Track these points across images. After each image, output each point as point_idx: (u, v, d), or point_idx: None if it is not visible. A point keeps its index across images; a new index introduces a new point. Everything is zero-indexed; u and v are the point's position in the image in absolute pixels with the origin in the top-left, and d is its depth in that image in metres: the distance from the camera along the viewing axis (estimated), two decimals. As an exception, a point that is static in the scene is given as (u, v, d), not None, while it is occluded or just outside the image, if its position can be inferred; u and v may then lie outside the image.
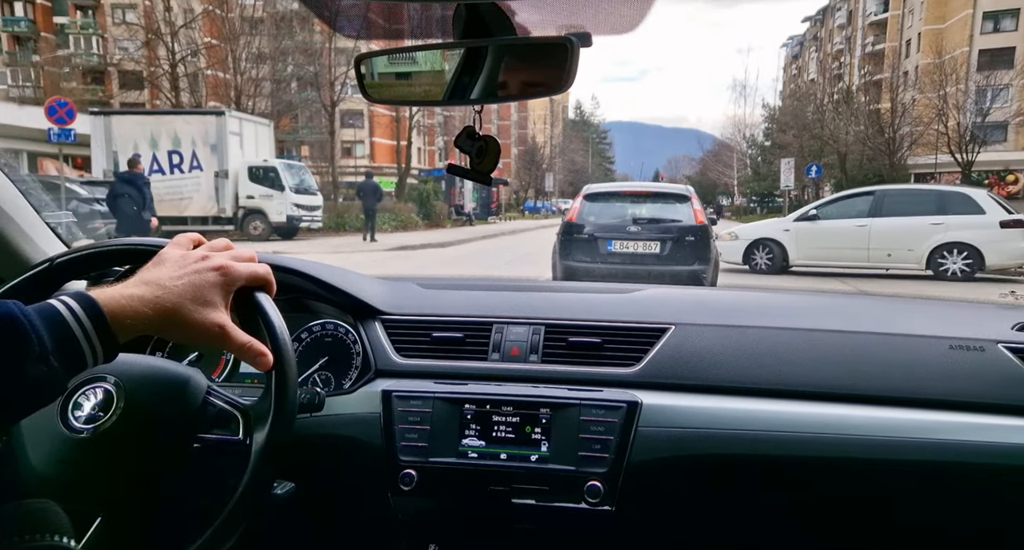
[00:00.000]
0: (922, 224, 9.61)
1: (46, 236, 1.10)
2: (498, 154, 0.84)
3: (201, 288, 0.67)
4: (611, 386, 1.04)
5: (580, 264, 5.96)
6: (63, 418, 0.75)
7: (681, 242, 5.91)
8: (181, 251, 0.71)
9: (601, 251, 5.93)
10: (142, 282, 0.66)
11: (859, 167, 25.90)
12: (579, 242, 6.03)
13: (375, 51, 0.81)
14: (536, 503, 0.98)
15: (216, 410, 0.77)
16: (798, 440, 0.97)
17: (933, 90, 26.11)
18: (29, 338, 0.57)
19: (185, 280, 0.67)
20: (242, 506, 0.68)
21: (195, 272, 0.68)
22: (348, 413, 1.05)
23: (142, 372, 0.78)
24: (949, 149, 24.97)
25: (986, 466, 0.95)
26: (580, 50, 0.73)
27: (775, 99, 50.02)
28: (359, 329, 1.14)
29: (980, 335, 1.06)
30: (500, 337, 1.12)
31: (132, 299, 0.64)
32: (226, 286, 0.69)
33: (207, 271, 0.69)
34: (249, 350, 0.70)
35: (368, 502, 1.05)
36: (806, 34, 61.89)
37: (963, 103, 25.54)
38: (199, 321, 0.66)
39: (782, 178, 27.17)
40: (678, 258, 5.90)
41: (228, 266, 0.70)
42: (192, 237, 0.75)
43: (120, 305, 0.63)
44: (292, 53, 24.61)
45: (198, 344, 0.73)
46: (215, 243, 0.74)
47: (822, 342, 1.09)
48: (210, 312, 0.67)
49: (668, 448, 0.98)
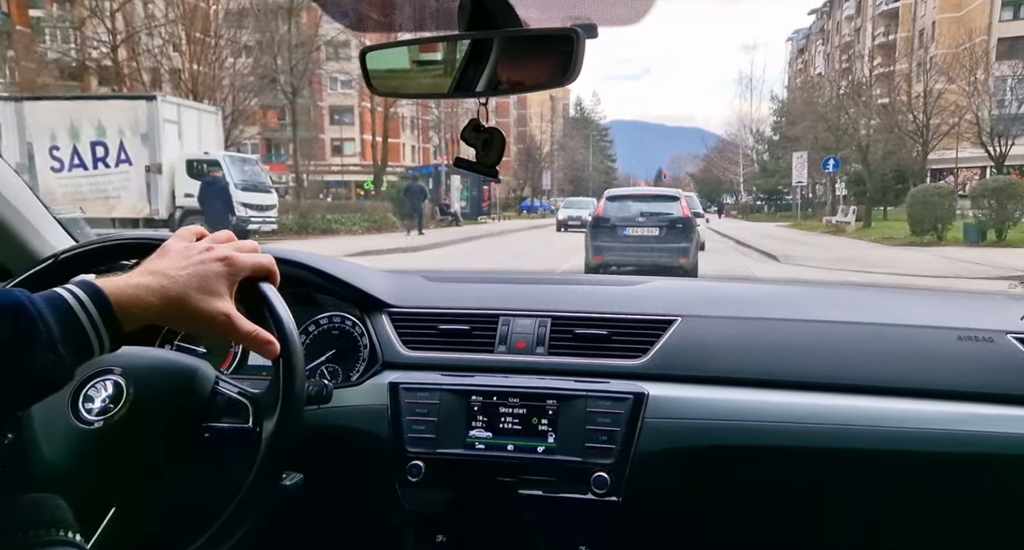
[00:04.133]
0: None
1: (54, 230, 1.14)
2: (503, 146, 0.86)
3: (206, 278, 0.70)
4: (617, 378, 1.08)
5: (605, 244, 9.25)
6: (74, 411, 0.78)
7: (673, 228, 9.13)
8: (185, 243, 0.75)
9: (619, 234, 9.25)
10: (147, 272, 0.69)
11: (881, 160, 24.87)
12: (604, 228, 9.38)
13: (381, 44, 0.85)
14: (543, 494, 1.02)
15: (225, 399, 0.80)
16: (804, 431, 1.01)
17: (962, 77, 24.97)
18: (36, 326, 0.59)
19: (190, 270, 0.70)
20: (252, 495, 0.72)
21: (200, 263, 0.71)
22: (356, 405, 1.09)
23: (151, 364, 0.82)
24: (980, 141, 24.05)
25: (994, 456, 0.98)
26: (586, 42, 0.76)
27: (782, 92, 49.90)
28: (366, 322, 1.19)
29: (989, 325, 1.10)
30: (507, 329, 1.17)
31: (138, 288, 0.67)
32: (231, 276, 0.73)
33: (212, 261, 0.72)
34: (256, 338, 0.73)
35: (376, 493, 1.10)
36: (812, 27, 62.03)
37: (992, 92, 24.51)
38: (205, 310, 0.69)
39: (794, 173, 25.98)
40: (670, 238, 9.11)
41: (232, 256, 0.73)
42: (195, 230, 0.78)
43: (126, 294, 0.65)
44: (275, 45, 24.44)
45: (205, 333, 0.76)
46: (218, 235, 0.78)
47: (829, 333, 1.13)
48: (215, 301, 0.70)
49: (674, 439, 1.02)
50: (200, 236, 0.77)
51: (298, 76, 24.65)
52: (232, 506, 0.72)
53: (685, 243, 9.09)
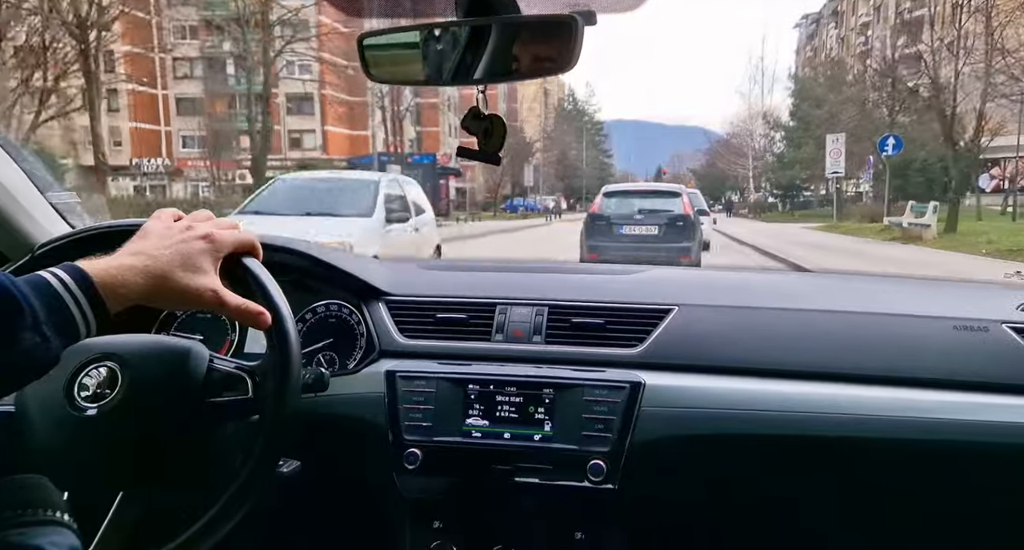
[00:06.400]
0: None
1: (50, 216, 1.25)
2: (504, 133, 0.95)
3: (189, 255, 0.79)
4: (614, 367, 1.20)
5: (600, 243, 9.58)
6: (69, 399, 0.86)
7: (673, 226, 9.45)
8: (164, 224, 0.83)
9: (615, 233, 9.56)
10: (129, 253, 0.77)
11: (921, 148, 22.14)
12: (600, 226, 9.72)
13: (377, 30, 0.94)
14: (539, 481, 1.13)
15: (222, 374, 0.89)
16: (799, 420, 1.13)
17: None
18: (21, 307, 0.65)
19: (173, 249, 0.78)
20: (254, 471, 0.82)
21: (181, 241, 0.80)
22: (352, 393, 1.21)
23: (144, 348, 0.91)
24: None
25: (990, 445, 1.10)
26: (584, 28, 0.85)
27: (790, 81, 49.76)
28: (363, 310, 1.31)
29: (984, 315, 1.22)
30: (504, 318, 1.29)
31: (121, 268, 0.74)
32: (214, 252, 0.81)
33: (193, 240, 0.80)
34: (246, 310, 0.82)
35: (372, 481, 1.21)
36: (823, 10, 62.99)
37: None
38: (191, 286, 0.78)
39: (828, 161, 22.39)
40: (671, 237, 9.43)
41: (214, 233, 0.82)
42: (172, 212, 0.87)
43: (110, 274, 0.73)
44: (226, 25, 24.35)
45: (193, 309, 0.83)
46: (196, 214, 0.87)
47: (825, 322, 1.25)
48: (200, 277, 0.79)
49: (671, 428, 1.14)
50: (178, 218, 0.86)
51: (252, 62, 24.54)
52: (230, 491, 0.80)
53: (687, 242, 9.39)
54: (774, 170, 43.46)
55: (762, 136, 47.13)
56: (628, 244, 9.34)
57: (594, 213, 9.98)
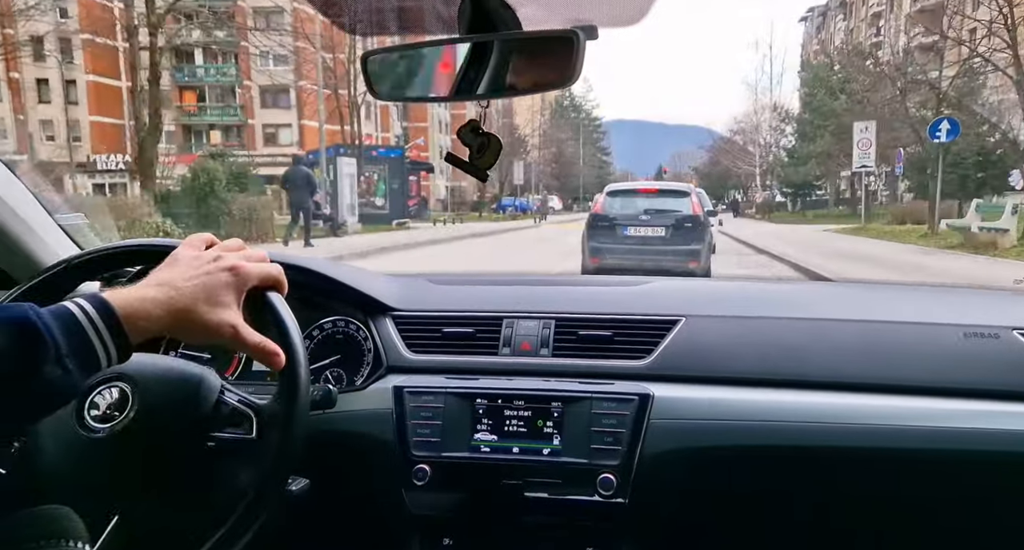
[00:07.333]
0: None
1: (58, 237, 1.31)
2: (498, 152, 1.00)
3: (214, 289, 0.82)
4: (622, 379, 1.27)
5: (603, 245, 9.38)
6: (79, 419, 0.91)
7: (681, 227, 9.22)
8: (194, 252, 0.87)
9: (619, 234, 9.35)
10: (155, 283, 0.81)
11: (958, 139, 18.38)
12: (602, 228, 9.49)
13: (381, 49, 1.01)
14: (549, 496, 1.19)
15: (230, 409, 0.94)
16: (810, 430, 1.19)
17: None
18: (44, 341, 0.69)
19: (198, 281, 0.82)
20: (256, 504, 0.87)
21: (207, 273, 0.83)
22: (360, 409, 1.28)
23: (156, 371, 0.95)
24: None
25: (1002, 454, 1.16)
26: (586, 43, 0.91)
27: (800, 73, 49.62)
28: (370, 325, 1.38)
29: (994, 322, 1.28)
30: (511, 332, 1.36)
31: (145, 301, 0.78)
32: (238, 286, 0.85)
33: (219, 271, 0.84)
34: (262, 350, 0.86)
35: (381, 497, 1.27)
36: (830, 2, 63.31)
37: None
38: (212, 322, 0.81)
39: (856, 154, 20.26)
40: (678, 239, 9.18)
41: (240, 266, 0.86)
42: (204, 237, 0.91)
43: (133, 307, 0.77)
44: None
45: (211, 344, 0.89)
46: (228, 243, 0.91)
47: (834, 331, 1.32)
48: (222, 312, 0.82)
49: (680, 440, 1.20)
50: (210, 244, 0.90)
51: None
52: (235, 515, 0.85)
53: (696, 244, 9.17)
54: (784, 166, 42.30)
55: (771, 129, 46.33)
56: (633, 247, 9.18)
57: (596, 213, 9.77)
